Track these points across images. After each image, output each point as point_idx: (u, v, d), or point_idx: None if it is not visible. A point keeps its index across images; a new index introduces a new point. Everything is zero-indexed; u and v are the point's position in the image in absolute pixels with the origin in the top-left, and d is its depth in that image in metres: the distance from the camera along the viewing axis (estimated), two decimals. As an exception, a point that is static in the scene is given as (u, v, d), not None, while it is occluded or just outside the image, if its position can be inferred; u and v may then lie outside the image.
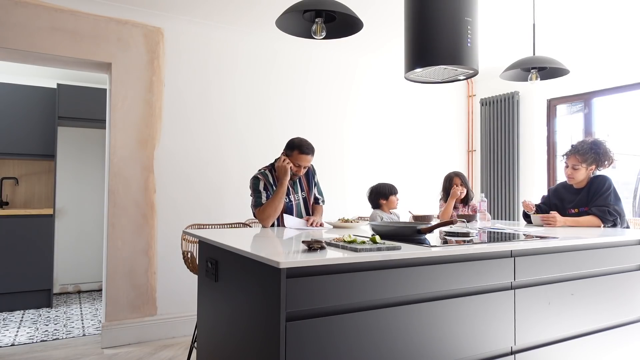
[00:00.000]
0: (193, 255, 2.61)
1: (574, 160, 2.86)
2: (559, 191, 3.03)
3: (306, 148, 2.72)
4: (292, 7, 2.06)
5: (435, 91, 5.05)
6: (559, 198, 3.01)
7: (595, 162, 2.83)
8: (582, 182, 2.90)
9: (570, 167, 2.88)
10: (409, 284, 1.56)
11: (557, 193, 3.04)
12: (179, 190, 3.61)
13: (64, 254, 4.99)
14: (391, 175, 4.60)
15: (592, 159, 2.83)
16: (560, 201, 3.00)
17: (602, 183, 2.79)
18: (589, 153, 2.83)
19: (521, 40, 3.98)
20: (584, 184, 2.90)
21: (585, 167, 2.84)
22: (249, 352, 1.55)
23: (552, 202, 3.03)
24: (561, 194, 3.01)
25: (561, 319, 1.96)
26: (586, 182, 2.89)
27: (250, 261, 1.54)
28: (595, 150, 2.83)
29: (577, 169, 2.85)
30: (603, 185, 2.78)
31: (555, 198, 3.03)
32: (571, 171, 2.88)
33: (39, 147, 4.58)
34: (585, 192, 2.87)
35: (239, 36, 3.90)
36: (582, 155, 2.84)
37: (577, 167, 2.85)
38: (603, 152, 2.82)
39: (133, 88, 3.46)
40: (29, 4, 3.13)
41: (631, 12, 3.41)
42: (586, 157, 2.83)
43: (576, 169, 2.85)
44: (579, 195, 2.90)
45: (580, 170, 2.85)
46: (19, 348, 3.26)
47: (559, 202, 3.00)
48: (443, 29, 2.16)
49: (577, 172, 2.86)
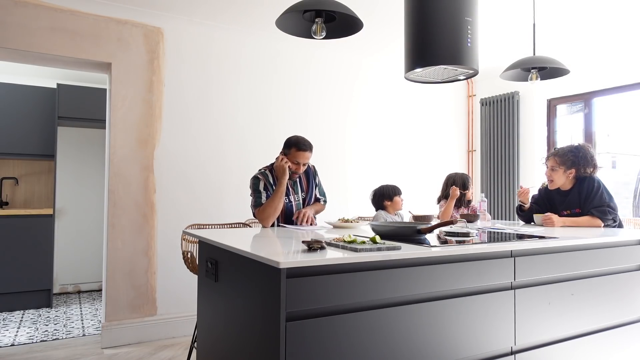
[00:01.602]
0: (193, 255, 2.61)
1: (553, 162, 2.88)
2: (549, 193, 3.03)
3: (303, 145, 2.71)
4: (292, 7, 2.06)
5: (435, 91, 5.05)
6: (549, 199, 3.01)
7: (574, 166, 2.83)
8: (564, 185, 2.89)
9: (549, 168, 2.90)
10: (409, 284, 1.56)
11: (548, 194, 3.04)
12: (179, 190, 3.61)
13: (64, 254, 4.98)
14: (391, 175, 4.60)
15: (570, 162, 2.83)
16: (550, 202, 3.00)
17: (592, 183, 2.79)
18: (567, 155, 2.84)
19: (521, 40, 3.98)
20: (568, 186, 2.89)
21: (563, 169, 2.84)
22: (249, 352, 1.55)
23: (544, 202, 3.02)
24: (550, 195, 3.01)
25: (561, 319, 1.96)
26: (571, 184, 2.88)
27: (250, 261, 1.54)
28: (574, 153, 2.83)
29: (555, 171, 2.87)
30: (593, 185, 2.78)
31: (545, 199, 3.03)
32: (549, 172, 2.90)
33: (39, 147, 4.58)
34: (575, 194, 2.85)
35: (240, 36, 3.90)
36: (560, 157, 2.86)
37: (555, 169, 2.87)
38: (582, 157, 2.82)
39: (133, 88, 3.46)
40: (29, 4, 3.13)
41: (631, 12, 3.41)
42: (564, 159, 2.84)
43: (554, 170, 2.87)
44: (568, 197, 2.89)
45: (558, 172, 2.86)
46: (19, 348, 3.26)
47: (549, 203, 3.00)
48: (443, 29, 2.16)
49: (554, 174, 2.87)
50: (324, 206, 3.00)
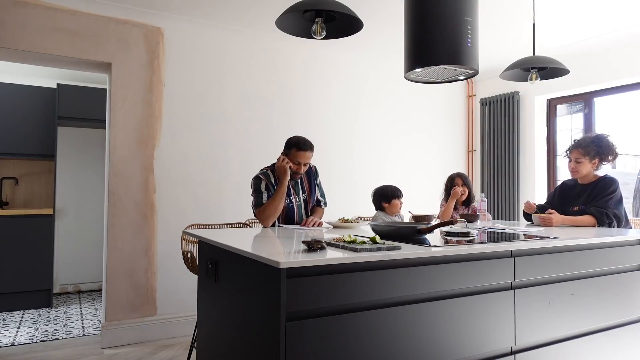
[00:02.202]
0: (193, 255, 2.61)
1: (577, 154, 2.86)
2: (565, 189, 3.03)
3: (303, 145, 2.71)
4: (292, 7, 2.06)
5: (435, 91, 5.05)
6: (564, 195, 3.01)
7: (598, 155, 2.83)
8: (587, 177, 2.89)
9: (574, 160, 2.88)
10: (409, 284, 1.56)
11: (563, 190, 3.03)
12: (179, 190, 3.61)
13: (64, 254, 4.98)
14: (391, 175, 4.60)
15: (594, 151, 2.82)
16: (564, 198, 2.99)
17: (608, 185, 2.78)
18: (590, 146, 2.83)
19: (521, 40, 3.98)
20: (589, 179, 2.89)
21: (588, 159, 2.84)
22: (249, 352, 1.55)
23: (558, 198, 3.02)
24: (566, 191, 3.01)
25: (561, 319, 1.96)
26: (592, 178, 2.88)
27: (250, 261, 1.54)
28: (597, 143, 2.83)
29: (580, 162, 2.85)
30: (609, 187, 2.77)
31: (561, 195, 3.03)
32: (575, 164, 2.88)
33: (39, 147, 4.58)
34: (590, 190, 2.85)
35: (240, 36, 3.90)
36: (585, 148, 2.84)
37: (580, 160, 2.85)
38: (605, 146, 2.82)
39: (133, 88, 3.46)
40: (29, 4, 3.13)
41: (631, 12, 3.41)
42: (588, 149, 2.83)
43: (579, 162, 2.85)
44: (584, 192, 2.88)
45: (584, 164, 2.85)
46: (19, 348, 3.26)
47: (563, 199, 2.99)
48: (443, 29, 2.16)
49: (580, 166, 2.85)
50: (324, 209, 3.01)
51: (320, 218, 2.91)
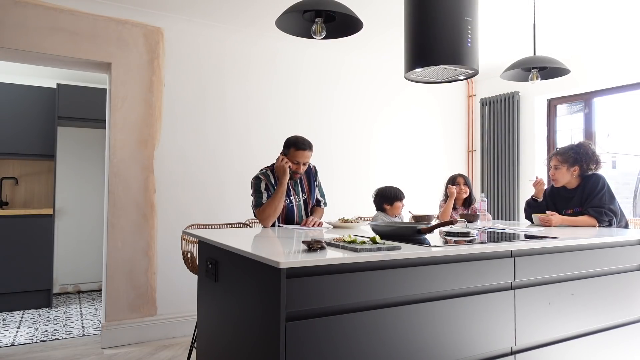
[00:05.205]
0: (193, 255, 2.61)
1: (555, 161, 2.93)
2: (554, 193, 3.04)
3: (302, 144, 2.71)
4: (292, 7, 2.06)
5: (435, 91, 5.05)
6: (554, 199, 3.03)
7: (577, 163, 2.86)
8: (570, 184, 2.92)
9: (553, 167, 2.94)
10: (409, 284, 1.55)
11: (552, 194, 3.05)
12: (178, 190, 3.61)
13: (64, 254, 4.98)
14: (391, 175, 4.60)
15: (572, 159, 2.86)
16: (555, 203, 3.01)
17: (596, 183, 2.81)
18: (568, 153, 2.88)
19: (521, 40, 3.98)
20: (574, 184, 2.92)
21: (566, 167, 2.88)
22: (249, 352, 1.55)
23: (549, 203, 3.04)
24: (555, 195, 3.03)
25: (561, 319, 1.96)
26: (577, 183, 2.91)
27: (250, 261, 1.54)
28: (575, 150, 2.87)
29: (558, 169, 2.91)
30: (597, 185, 2.80)
31: (550, 199, 3.04)
32: (553, 171, 2.94)
33: (39, 147, 4.58)
34: (580, 193, 2.88)
35: (240, 36, 3.90)
36: (562, 155, 2.90)
37: (558, 167, 2.91)
38: (584, 153, 2.85)
39: (133, 88, 3.46)
40: (29, 4, 3.13)
41: (631, 12, 3.41)
42: (566, 157, 2.88)
43: (557, 169, 2.91)
44: (574, 196, 2.90)
45: (561, 170, 2.89)
46: (19, 348, 3.26)
47: (554, 203, 3.01)
48: (443, 29, 2.16)
49: (558, 173, 2.91)
50: (324, 209, 3.01)
51: (320, 218, 2.90)
